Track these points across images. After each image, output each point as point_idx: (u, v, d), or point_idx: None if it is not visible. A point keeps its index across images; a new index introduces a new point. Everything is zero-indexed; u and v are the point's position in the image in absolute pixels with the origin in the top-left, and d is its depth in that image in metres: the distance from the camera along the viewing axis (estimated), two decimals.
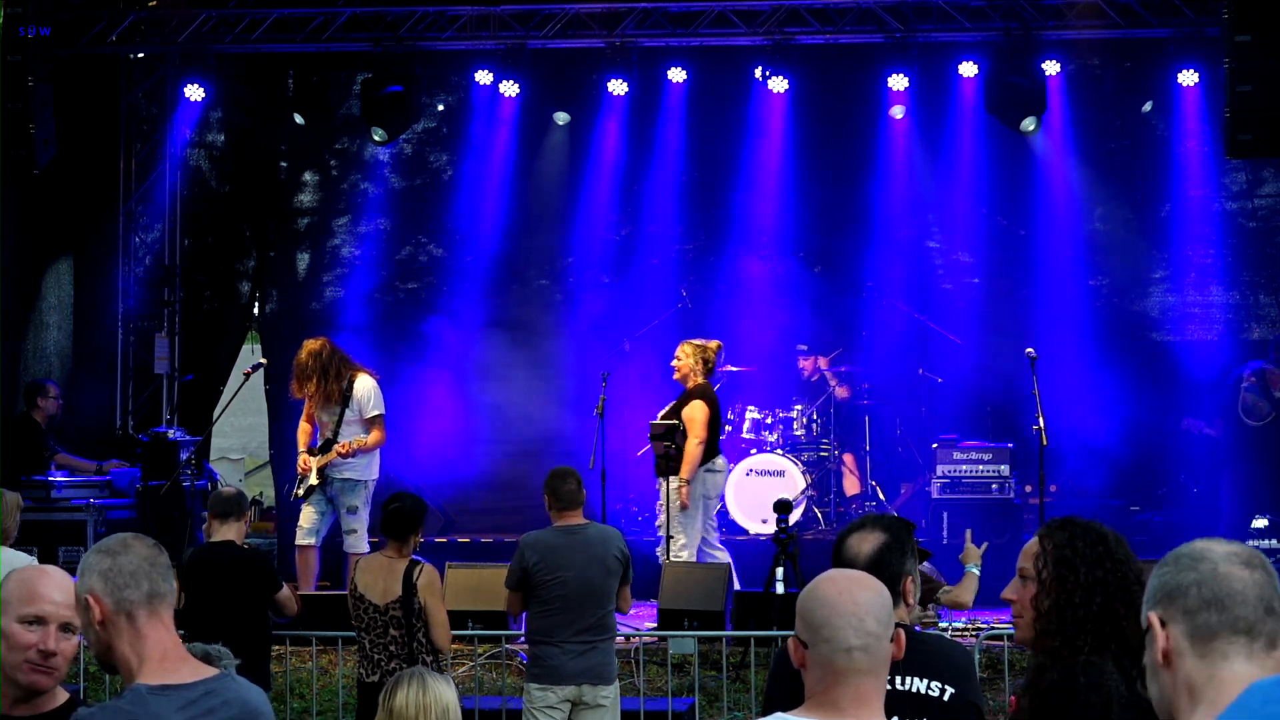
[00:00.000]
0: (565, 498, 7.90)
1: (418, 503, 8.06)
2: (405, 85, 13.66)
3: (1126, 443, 13.80)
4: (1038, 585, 3.78)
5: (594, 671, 7.76)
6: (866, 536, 4.03)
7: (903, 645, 3.11)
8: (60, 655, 3.66)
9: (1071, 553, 3.76)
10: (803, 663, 3.05)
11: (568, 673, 7.74)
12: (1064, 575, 3.74)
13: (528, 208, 15.19)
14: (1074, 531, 3.81)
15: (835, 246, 14.97)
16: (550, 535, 7.89)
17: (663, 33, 13.70)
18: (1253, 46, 11.44)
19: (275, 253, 15.57)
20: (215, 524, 8.26)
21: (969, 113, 14.05)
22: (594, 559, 7.77)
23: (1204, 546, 2.56)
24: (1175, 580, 2.53)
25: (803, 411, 14.08)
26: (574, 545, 7.80)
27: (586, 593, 7.75)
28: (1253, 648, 2.48)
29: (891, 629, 3.05)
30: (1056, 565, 3.76)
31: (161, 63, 14.75)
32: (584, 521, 7.96)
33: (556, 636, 7.75)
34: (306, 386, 11.39)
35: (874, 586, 3.09)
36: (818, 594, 3.07)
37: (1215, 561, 2.52)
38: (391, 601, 7.76)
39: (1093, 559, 3.74)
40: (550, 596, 7.75)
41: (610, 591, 7.83)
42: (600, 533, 7.96)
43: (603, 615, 7.82)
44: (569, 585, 7.74)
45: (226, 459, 21.01)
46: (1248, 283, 14.77)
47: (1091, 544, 3.76)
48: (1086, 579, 3.72)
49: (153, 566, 3.45)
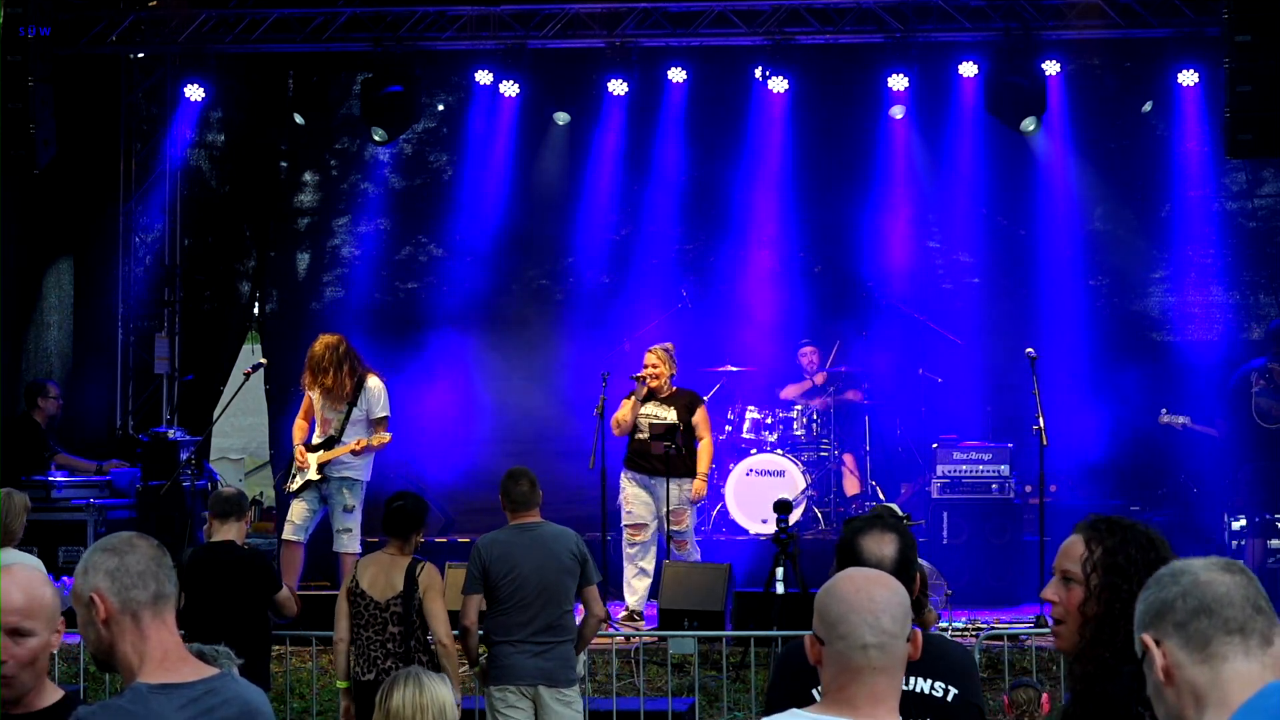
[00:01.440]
0: (517, 498, 7.90)
1: (419, 502, 8.10)
2: (405, 85, 13.66)
3: (1127, 442, 13.80)
4: (1085, 591, 3.57)
5: (551, 673, 7.73)
6: (884, 539, 4.01)
7: (919, 646, 3.11)
8: (11, 661, 3.52)
9: (1124, 559, 3.56)
10: (819, 660, 3.06)
11: (523, 672, 7.71)
12: (1116, 584, 3.52)
13: (527, 208, 15.19)
14: (1125, 536, 3.61)
15: (835, 246, 14.97)
16: (504, 534, 7.90)
17: (663, 33, 13.70)
18: (1253, 46, 11.44)
19: (275, 253, 15.58)
20: (216, 524, 8.27)
21: (969, 113, 14.05)
22: (549, 557, 7.77)
23: (1181, 564, 2.62)
24: (1160, 598, 2.59)
25: (803, 411, 14.08)
26: (527, 543, 7.79)
27: (542, 591, 7.73)
28: (1248, 645, 2.52)
29: (908, 629, 3.06)
30: (1108, 572, 3.56)
31: (161, 63, 14.75)
32: (539, 520, 7.96)
33: (512, 635, 7.73)
34: (322, 379, 11.36)
35: (892, 586, 3.10)
36: (836, 591, 3.08)
37: (1195, 572, 2.58)
38: (393, 598, 7.78)
39: (1145, 566, 3.51)
40: (505, 595, 7.74)
41: (567, 591, 7.79)
42: (555, 531, 7.95)
43: (560, 615, 7.78)
44: (524, 584, 7.72)
45: (226, 459, 21.02)
46: (1248, 283, 14.78)
47: (1144, 549, 3.57)
48: (1140, 588, 3.59)
49: (159, 567, 3.44)
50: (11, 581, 3.56)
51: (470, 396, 14.63)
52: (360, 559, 8.03)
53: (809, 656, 3.10)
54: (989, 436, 13.75)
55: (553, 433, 14.38)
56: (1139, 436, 13.86)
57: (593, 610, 7.92)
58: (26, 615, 3.54)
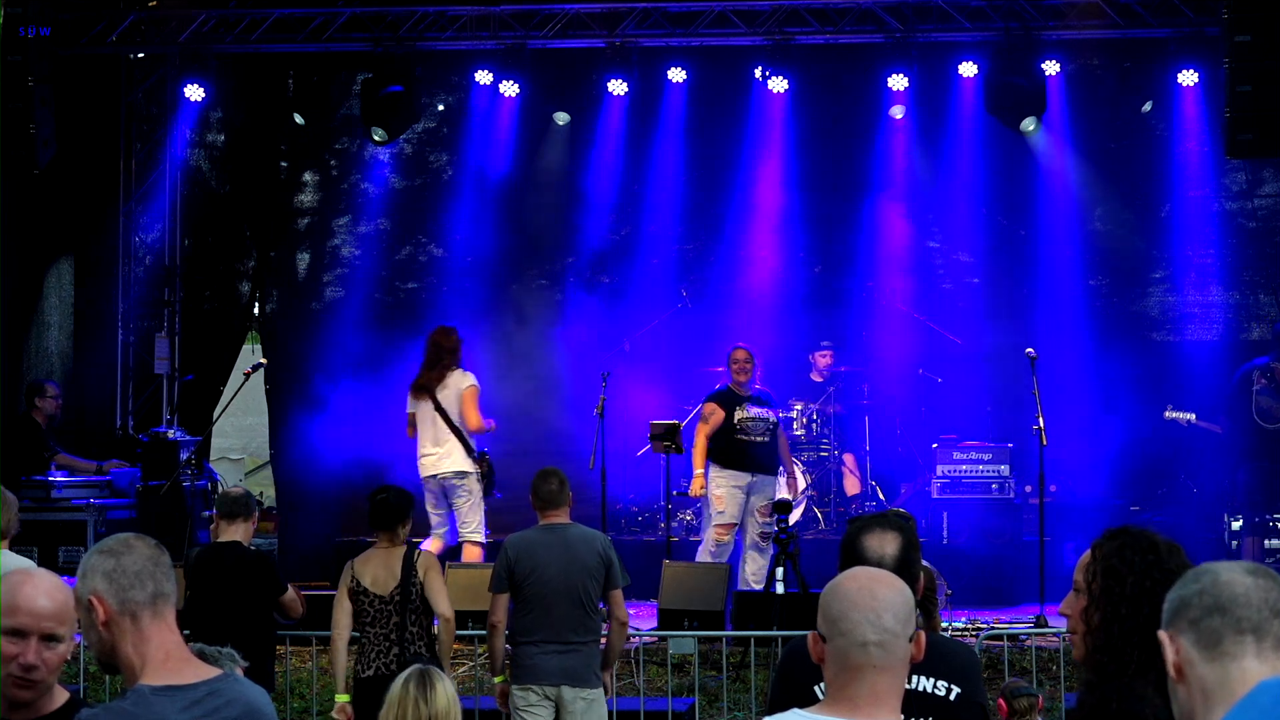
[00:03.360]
0: (545, 497, 7.89)
1: (402, 494, 8.11)
2: (405, 85, 13.65)
3: (1126, 442, 13.80)
4: (1088, 598, 3.58)
5: (574, 673, 7.68)
6: (886, 537, 4.00)
7: (923, 647, 3.10)
8: (44, 667, 3.56)
9: (1119, 562, 3.55)
10: (821, 657, 3.07)
11: (546, 671, 7.67)
12: (1111, 586, 3.53)
13: (527, 208, 15.19)
14: (1124, 540, 3.60)
15: (835, 246, 14.98)
16: (532, 533, 7.89)
17: (663, 33, 13.71)
18: (1253, 46, 11.45)
19: (275, 253, 15.58)
20: (222, 525, 8.27)
21: (969, 113, 14.05)
22: (575, 558, 7.74)
23: (1208, 564, 2.63)
24: (1180, 595, 2.58)
25: (803, 411, 14.08)
26: (554, 543, 7.77)
27: (566, 591, 7.70)
28: (1261, 647, 2.51)
29: (911, 628, 3.06)
30: (1105, 576, 3.56)
31: (161, 63, 14.74)
32: (567, 521, 7.94)
33: (536, 636, 7.71)
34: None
35: (895, 585, 3.09)
36: (839, 588, 3.08)
37: (1217, 572, 2.58)
38: (394, 589, 7.79)
39: (1141, 569, 3.52)
40: (530, 595, 7.72)
41: (592, 593, 7.76)
42: (583, 533, 7.93)
43: (584, 617, 7.74)
44: (549, 583, 7.70)
45: (227, 459, 21.03)
46: (1248, 283, 14.78)
47: (1141, 552, 3.55)
48: (1134, 590, 3.51)
49: (156, 567, 3.43)
50: (37, 588, 3.55)
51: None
52: (356, 558, 8.02)
53: (812, 654, 3.10)
54: (989, 436, 13.75)
55: (553, 433, 14.38)
56: (1139, 436, 13.86)
57: (615, 614, 7.85)
58: (58, 621, 3.55)
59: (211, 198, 15.56)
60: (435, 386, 11.50)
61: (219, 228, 15.54)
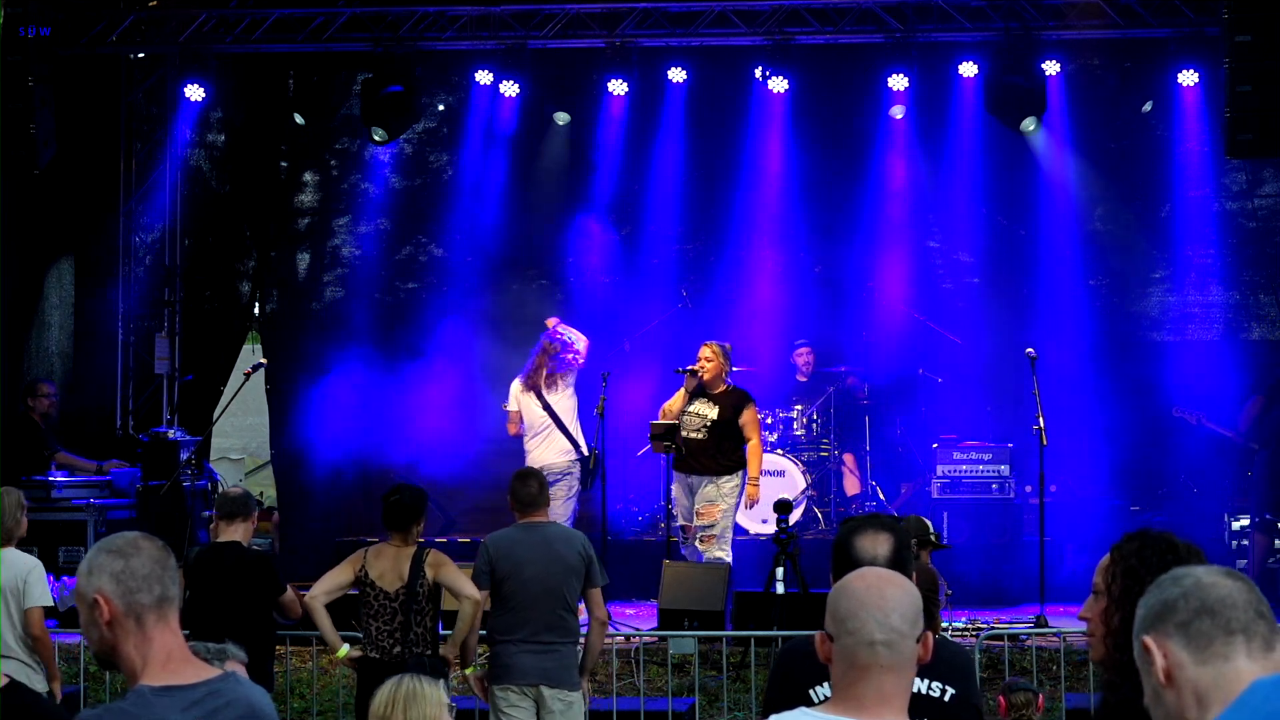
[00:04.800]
0: (525, 499, 7.90)
1: (417, 493, 8.11)
2: (405, 85, 13.65)
3: (1127, 443, 13.81)
4: (1108, 600, 3.61)
5: (552, 674, 7.68)
6: (879, 539, 4.01)
7: (929, 648, 3.10)
8: None
9: (1138, 563, 3.58)
10: (828, 656, 3.07)
11: (524, 670, 7.67)
12: (1130, 587, 3.53)
13: (527, 208, 15.19)
14: (1144, 542, 3.64)
15: (835, 246, 14.97)
16: (511, 531, 7.90)
17: (663, 33, 13.71)
18: (1253, 46, 11.45)
19: (275, 253, 15.58)
20: (222, 525, 8.27)
21: (969, 113, 14.05)
22: (556, 557, 7.74)
23: (1183, 569, 2.64)
24: (1161, 599, 2.59)
25: (803, 411, 14.09)
26: (533, 542, 7.78)
27: (546, 590, 7.70)
28: (1250, 648, 2.52)
29: (919, 629, 3.06)
30: (1125, 578, 3.59)
31: (161, 63, 14.74)
32: (547, 520, 7.95)
33: (514, 635, 7.71)
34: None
35: (904, 585, 3.10)
36: (846, 588, 3.09)
37: (1197, 576, 2.59)
38: (400, 588, 7.80)
39: (1161, 570, 3.40)
40: (509, 593, 7.72)
41: (572, 592, 7.76)
42: (562, 532, 7.96)
43: (563, 616, 7.73)
44: (529, 582, 7.70)
45: (227, 459, 21.03)
46: (1248, 283, 14.79)
47: (1160, 553, 3.59)
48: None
49: (164, 570, 3.42)
50: None
51: (470, 397, 14.62)
52: (369, 550, 8.02)
53: (819, 654, 3.10)
54: (989, 436, 13.75)
55: None
56: (1139, 436, 13.87)
57: (594, 613, 7.86)
58: None
59: (211, 198, 15.56)
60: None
61: (219, 228, 15.54)
